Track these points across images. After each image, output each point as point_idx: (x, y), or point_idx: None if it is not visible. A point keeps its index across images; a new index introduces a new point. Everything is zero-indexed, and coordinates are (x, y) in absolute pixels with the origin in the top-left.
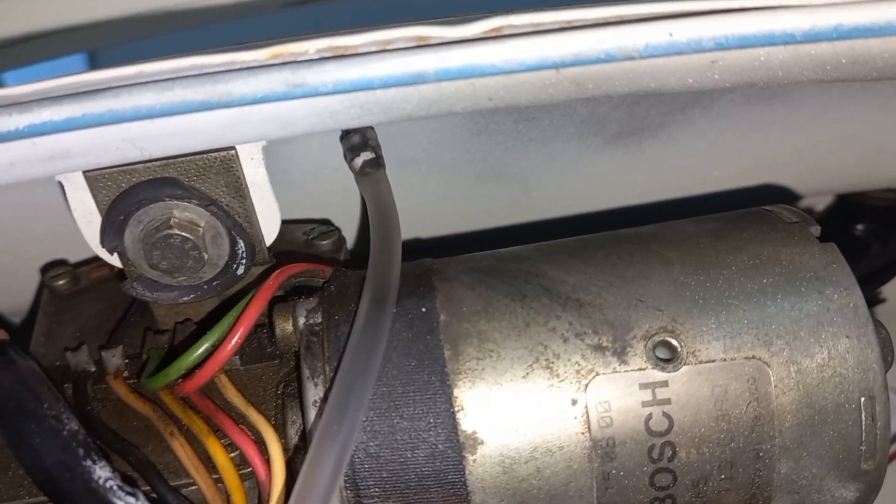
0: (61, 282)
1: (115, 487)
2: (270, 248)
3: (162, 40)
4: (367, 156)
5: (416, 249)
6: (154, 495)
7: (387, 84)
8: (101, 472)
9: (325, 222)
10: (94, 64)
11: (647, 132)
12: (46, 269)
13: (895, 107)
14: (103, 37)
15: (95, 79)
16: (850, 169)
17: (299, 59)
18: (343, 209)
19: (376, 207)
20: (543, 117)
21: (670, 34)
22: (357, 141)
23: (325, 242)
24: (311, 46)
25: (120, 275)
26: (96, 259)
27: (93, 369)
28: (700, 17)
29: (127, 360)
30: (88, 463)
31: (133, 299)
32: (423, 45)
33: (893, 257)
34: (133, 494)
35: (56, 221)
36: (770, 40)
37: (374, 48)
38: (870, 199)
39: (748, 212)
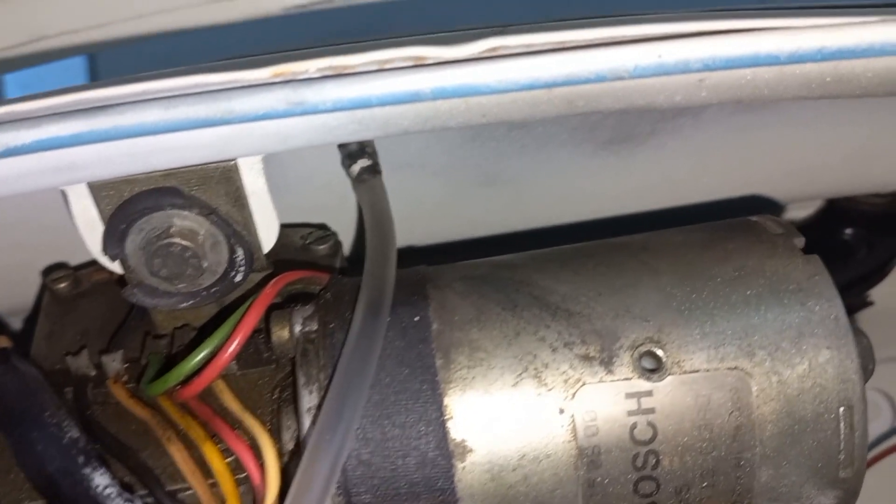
0: (62, 284)
1: (113, 494)
2: (268, 255)
3: (162, 43)
4: (364, 163)
5: (411, 255)
6: (151, 499)
7: (384, 102)
8: (101, 480)
9: (322, 227)
10: (93, 66)
11: (637, 139)
12: (48, 271)
13: (882, 114)
14: (104, 39)
15: (101, 95)
16: (838, 175)
17: (300, 77)
18: (339, 214)
19: (372, 215)
20: (536, 125)
21: (659, 55)
22: (354, 148)
23: (321, 247)
24: (312, 66)
25: (120, 280)
26: (97, 262)
27: (93, 373)
28: (688, 39)
29: (127, 365)
30: (88, 470)
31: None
32: (420, 65)
33: (880, 262)
34: (131, 501)
35: (57, 225)
36: (755, 61)
37: (372, 67)
38: (858, 204)
39: (735, 222)
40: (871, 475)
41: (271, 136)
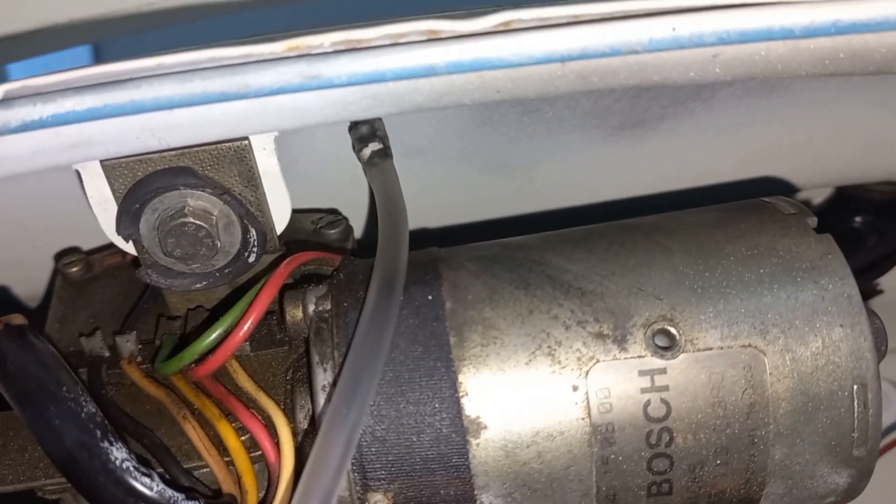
0: (74, 269)
1: (131, 468)
2: (280, 237)
3: (167, 32)
4: (375, 146)
5: (423, 238)
6: (167, 477)
7: (399, 76)
8: (118, 454)
9: (333, 212)
10: (98, 56)
11: (648, 124)
12: (60, 256)
13: (893, 100)
14: (107, 30)
15: (117, 70)
16: (849, 162)
17: (314, 51)
18: (349, 199)
19: (384, 197)
20: (547, 109)
21: (673, 29)
22: (365, 132)
23: (332, 231)
24: (327, 40)
25: (134, 262)
26: (108, 246)
27: (107, 354)
28: (702, 13)
29: (140, 346)
30: (106, 444)
31: (146, 286)
32: (435, 39)
33: (890, 249)
34: (148, 475)
35: (69, 209)
36: (769, 35)
37: (387, 41)
38: (867, 191)
39: (747, 203)
40: (880, 465)
41: (286, 112)
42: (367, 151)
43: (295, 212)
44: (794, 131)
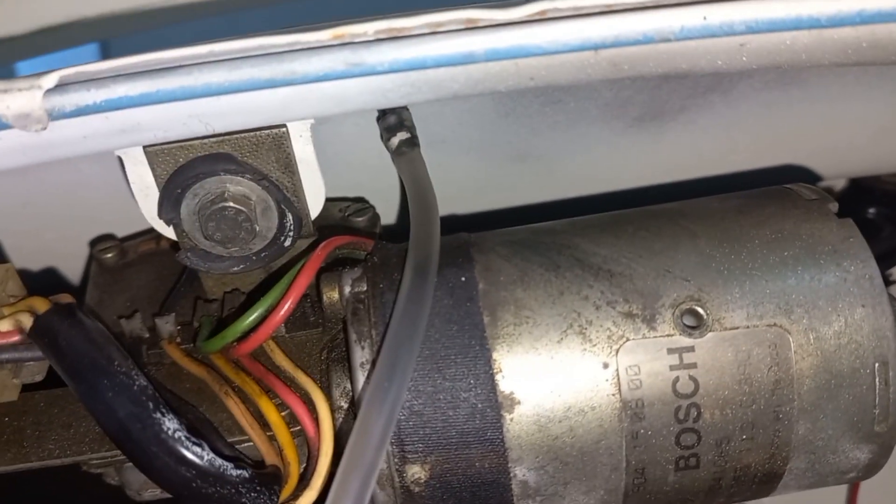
0: (109, 255)
1: (183, 437)
2: (313, 222)
3: (177, 29)
4: (402, 136)
5: (449, 226)
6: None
7: (438, 63)
8: (170, 424)
9: (360, 200)
10: (106, 54)
11: (668, 115)
12: (95, 242)
13: None
14: (115, 27)
15: (169, 57)
16: (864, 153)
17: (358, 39)
18: (375, 187)
19: (414, 184)
20: (569, 100)
21: (704, 17)
22: (393, 122)
23: (360, 219)
24: (370, 28)
25: (170, 247)
26: (142, 233)
27: (146, 335)
28: (732, 2)
29: (179, 327)
30: (158, 415)
31: (181, 270)
32: (473, 28)
33: None
34: (199, 444)
35: (103, 197)
36: (797, 24)
37: (427, 30)
38: (882, 183)
39: (769, 189)
40: None
41: (329, 99)
42: (395, 141)
43: None
44: (810, 123)
